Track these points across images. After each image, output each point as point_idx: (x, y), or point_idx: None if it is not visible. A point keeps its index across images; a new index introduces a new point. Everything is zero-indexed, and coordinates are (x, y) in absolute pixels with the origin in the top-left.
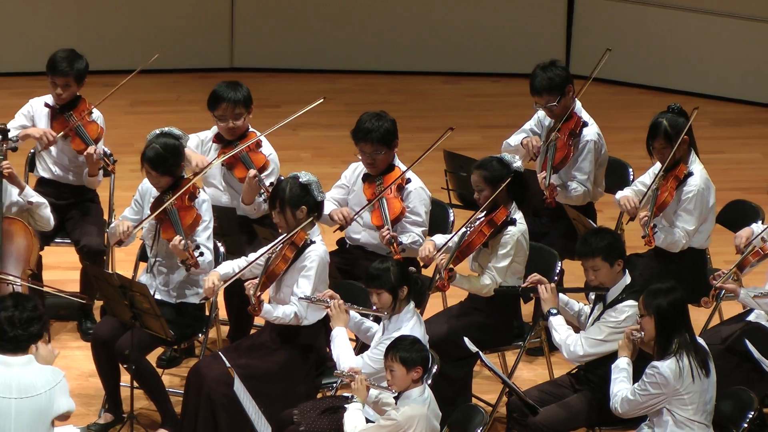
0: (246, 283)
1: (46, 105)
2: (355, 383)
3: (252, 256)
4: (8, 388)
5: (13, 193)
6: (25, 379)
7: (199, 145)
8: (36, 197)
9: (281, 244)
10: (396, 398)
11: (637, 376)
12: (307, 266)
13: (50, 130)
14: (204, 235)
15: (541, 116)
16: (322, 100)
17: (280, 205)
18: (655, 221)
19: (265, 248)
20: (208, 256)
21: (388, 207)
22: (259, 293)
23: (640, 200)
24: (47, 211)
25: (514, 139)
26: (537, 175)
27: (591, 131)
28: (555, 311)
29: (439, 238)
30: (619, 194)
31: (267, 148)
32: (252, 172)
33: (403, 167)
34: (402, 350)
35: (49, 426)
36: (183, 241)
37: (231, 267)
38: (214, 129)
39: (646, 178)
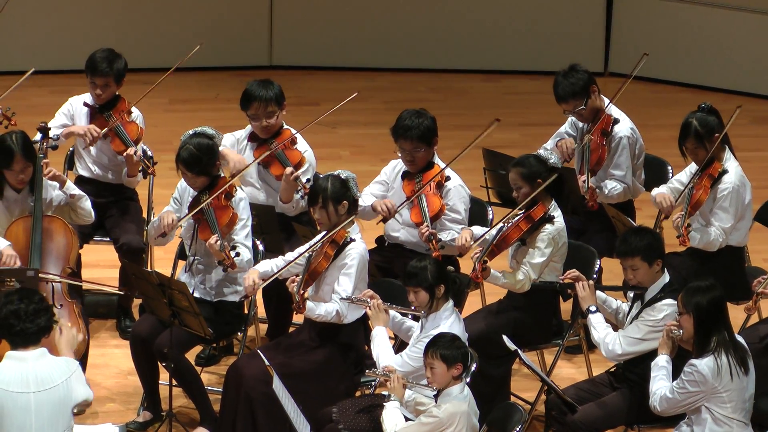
0: (288, 282)
1: (85, 104)
2: (391, 382)
3: (290, 255)
4: (26, 383)
5: (54, 186)
6: (41, 372)
7: (235, 144)
8: (77, 190)
9: (322, 242)
10: (435, 396)
11: (676, 374)
12: (347, 264)
13: (95, 126)
14: (242, 233)
15: (574, 118)
16: (356, 95)
17: (323, 200)
18: (692, 220)
19: (304, 247)
20: (246, 255)
21: (428, 204)
22: (302, 291)
23: (676, 198)
24: (88, 204)
25: (550, 143)
26: (577, 178)
27: (623, 127)
28: (594, 309)
29: (478, 229)
30: (656, 191)
31: (302, 145)
32: (289, 169)
33: (443, 164)
34: (442, 347)
35: (70, 415)
36: (219, 242)
37: (270, 266)
38: (249, 128)
39: (683, 176)
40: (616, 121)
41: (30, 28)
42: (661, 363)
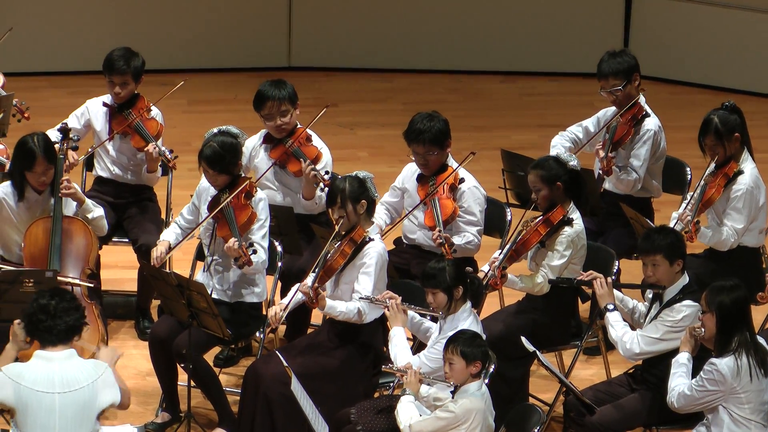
0: (301, 284)
1: (105, 104)
2: (407, 376)
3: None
4: (51, 383)
5: (71, 205)
6: (67, 373)
7: (245, 158)
8: (93, 212)
9: (339, 239)
10: (452, 393)
11: (694, 373)
12: (366, 263)
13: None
14: (259, 233)
15: (600, 115)
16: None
17: (341, 200)
18: (708, 219)
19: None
20: (263, 255)
21: (441, 208)
22: (317, 285)
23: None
24: (103, 222)
25: (574, 128)
26: (595, 150)
27: (652, 122)
28: (612, 307)
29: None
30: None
31: (317, 142)
32: (306, 163)
33: (457, 166)
34: (462, 344)
35: (95, 420)
36: (236, 241)
37: (289, 296)
38: (262, 132)
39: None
40: (647, 114)
41: (47, 30)
42: (682, 360)
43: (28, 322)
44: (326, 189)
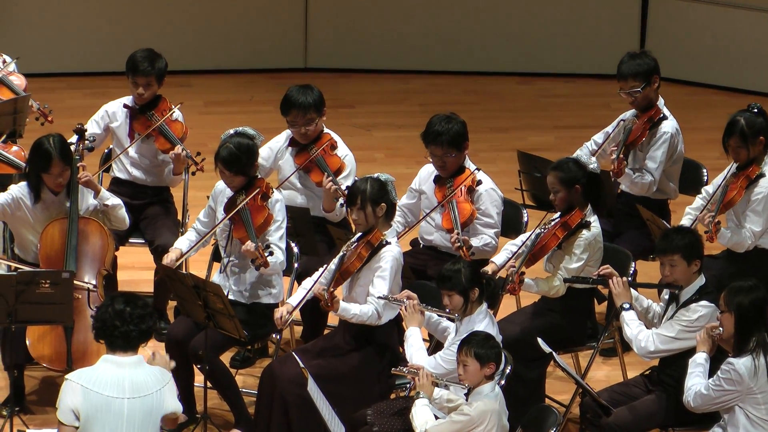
0: (315, 286)
1: (125, 106)
2: (419, 378)
3: (315, 275)
4: (121, 388)
5: (89, 195)
6: (136, 378)
7: (271, 158)
8: (111, 200)
9: (356, 242)
10: (466, 395)
11: (710, 374)
12: (381, 267)
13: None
14: (276, 235)
15: (620, 118)
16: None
17: (361, 201)
18: (727, 220)
19: (323, 271)
20: (279, 256)
21: (458, 210)
22: (332, 289)
23: (707, 202)
24: (123, 212)
25: (599, 137)
26: (608, 149)
27: (669, 125)
28: (627, 306)
29: (502, 255)
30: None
31: (342, 149)
32: (327, 179)
33: (474, 168)
34: (476, 345)
35: (158, 425)
36: (253, 243)
37: (298, 295)
38: (287, 133)
39: (710, 188)
40: (664, 117)
41: (65, 31)
42: (699, 360)
43: (101, 326)
44: (345, 204)
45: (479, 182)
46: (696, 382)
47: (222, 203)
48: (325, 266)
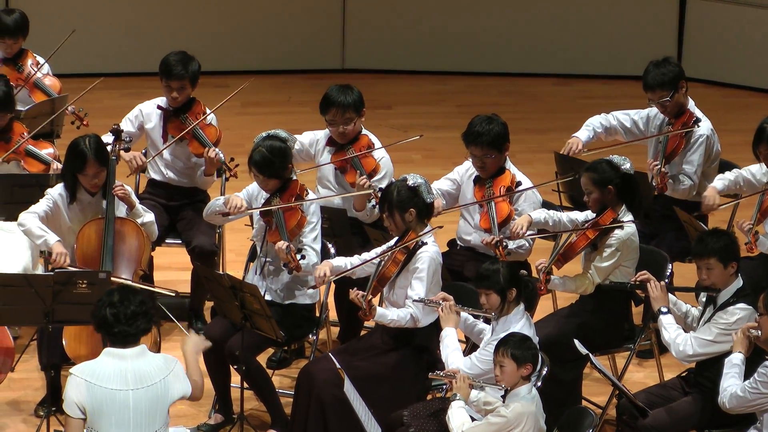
0: (351, 291)
1: (159, 107)
2: (456, 381)
3: (366, 255)
4: (125, 380)
5: (122, 209)
6: (140, 369)
7: (313, 144)
8: (143, 217)
9: (393, 250)
10: (503, 396)
11: (748, 374)
12: (419, 268)
13: (140, 155)
14: (311, 236)
15: (651, 114)
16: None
17: (389, 209)
18: (765, 227)
19: (379, 249)
20: (313, 258)
21: (496, 211)
22: (369, 297)
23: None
24: (154, 228)
25: (621, 116)
26: (648, 164)
27: (704, 127)
28: (665, 310)
29: (540, 213)
30: (712, 188)
31: (379, 152)
32: (362, 179)
33: (514, 170)
34: (513, 347)
35: (166, 412)
36: (286, 244)
37: (344, 262)
38: (326, 132)
39: (755, 168)
40: (698, 120)
41: (102, 32)
42: (735, 361)
43: (98, 325)
44: (377, 205)
45: (519, 183)
46: (732, 383)
47: (260, 203)
48: (372, 253)
